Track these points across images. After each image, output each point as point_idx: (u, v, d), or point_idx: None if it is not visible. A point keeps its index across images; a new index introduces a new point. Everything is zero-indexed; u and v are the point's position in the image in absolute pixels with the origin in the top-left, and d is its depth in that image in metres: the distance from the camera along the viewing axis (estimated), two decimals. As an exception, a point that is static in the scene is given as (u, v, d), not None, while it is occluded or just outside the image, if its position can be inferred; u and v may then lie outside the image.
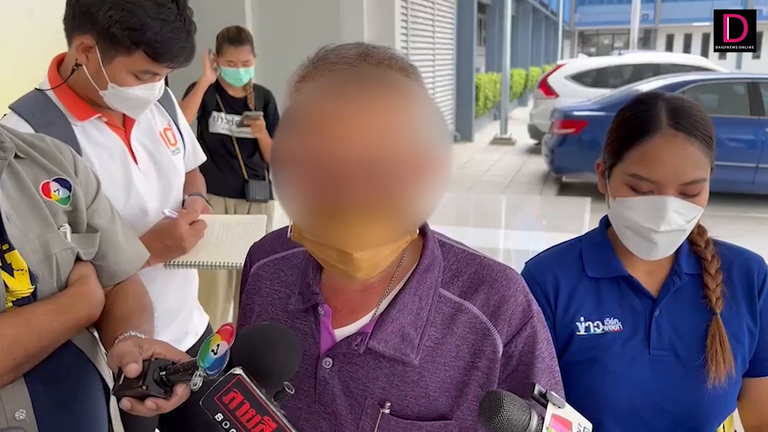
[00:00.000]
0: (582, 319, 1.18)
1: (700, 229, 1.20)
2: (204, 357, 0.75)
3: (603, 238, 1.22)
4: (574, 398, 1.02)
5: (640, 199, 1.10)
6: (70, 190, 1.12)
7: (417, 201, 0.70)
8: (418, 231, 0.84)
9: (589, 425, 0.76)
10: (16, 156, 1.07)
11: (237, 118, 3.26)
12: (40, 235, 1.05)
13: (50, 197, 1.09)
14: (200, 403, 0.74)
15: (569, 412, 0.74)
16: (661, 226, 1.08)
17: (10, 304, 1.00)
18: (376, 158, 0.65)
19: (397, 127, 0.66)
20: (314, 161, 0.67)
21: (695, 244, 1.19)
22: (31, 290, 1.03)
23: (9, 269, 1.00)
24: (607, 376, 1.14)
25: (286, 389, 0.73)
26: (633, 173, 1.10)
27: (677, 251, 1.18)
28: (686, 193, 1.08)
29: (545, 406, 0.72)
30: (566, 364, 1.15)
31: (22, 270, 1.02)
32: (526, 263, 1.27)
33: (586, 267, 1.21)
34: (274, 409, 0.72)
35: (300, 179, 0.68)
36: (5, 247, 1.00)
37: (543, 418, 0.71)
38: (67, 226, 1.11)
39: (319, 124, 0.67)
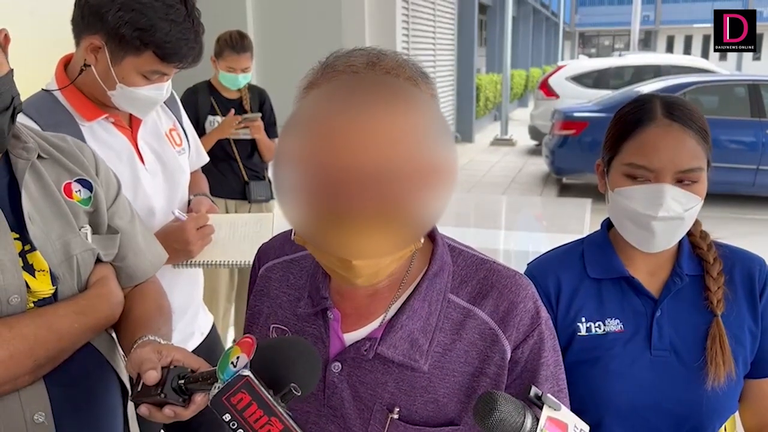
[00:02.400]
0: (583, 319, 1.18)
1: (702, 233, 1.21)
2: (224, 369, 0.74)
3: (604, 239, 1.23)
4: (575, 398, 1.02)
5: (638, 188, 1.11)
6: (91, 191, 1.12)
7: (420, 211, 0.69)
8: (423, 238, 0.84)
9: (586, 427, 0.77)
10: (38, 156, 1.07)
11: None
12: (62, 235, 1.05)
13: (72, 198, 1.10)
14: (209, 403, 0.74)
15: (565, 415, 0.75)
16: (659, 212, 1.09)
17: (32, 305, 1.00)
18: (378, 167, 0.65)
19: (401, 137, 0.66)
20: (317, 169, 0.66)
21: (698, 247, 1.20)
22: (52, 291, 1.03)
23: (31, 270, 1.00)
24: (608, 377, 1.15)
25: (293, 391, 0.72)
26: (630, 162, 1.12)
27: (678, 252, 1.19)
28: (683, 181, 1.10)
29: (541, 408, 0.73)
30: (568, 364, 1.16)
31: (44, 271, 1.02)
32: (528, 264, 1.27)
33: (588, 268, 1.21)
34: (281, 410, 0.72)
35: (303, 185, 0.68)
36: (27, 247, 1.01)
37: (538, 420, 0.72)
38: (88, 227, 1.11)
39: (323, 132, 0.66)
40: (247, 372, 0.72)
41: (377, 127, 0.65)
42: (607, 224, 1.25)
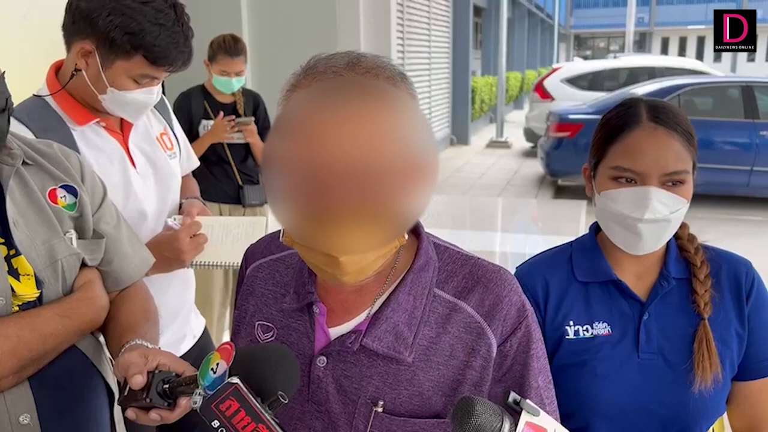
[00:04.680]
0: (571, 323, 1.19)
1: (689, 236, 1.21)
2: (204, 375, 0.76)
3: (593, 242, 1.24)
4: (563, 402, 1.02)
5: (624, 191, 1.12)
6: (76, 197, 1.13)
7: (403, 207, 0.71)
8: (407, 235, 0.85)
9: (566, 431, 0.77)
10: (23, 162, 1.08)
11: None
12: (46, 240, 1.06)
13: (57, 203, 1.11)
14: (198, 410, 0.75)
15: (545, 420, 0.75)
16: (645, 214, 1.09)
17: (17, 308, 1.01)
18: (360, 165, 0.67)
19: (381, 135, 0.68)
20: (302, 168, 0.68)
21: (685, 250, 1.20)
22: (37, 295, 1.04)
23: (15, 274, 1.01)
24: (596, 380, 1.15)
25: (281, 399, 0.74)
26: (616, 166, 1.13)
27: (666, 255, 1.19)
28: (669, 183, 1.10)
29: (520, 414, 0.73)
30: (556, 367, 1.16)
31: (28, 275, 1.03)
32: (516, 268, 1.28)
33: (576, 271, 1.22)
34: (268, 417, 0.73)
35: (289, 185, 0.70)
36: (12, 252, 1.02)
37: (516, 425, 0.72)
38: (73, 232, 1.12)
39: (306, 132, 0.68)
40: (236, 380, 0.73)
41: (357, 125, 0.67)
42: (595, 227, 1.25)
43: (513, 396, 0.75)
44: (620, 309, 1.18)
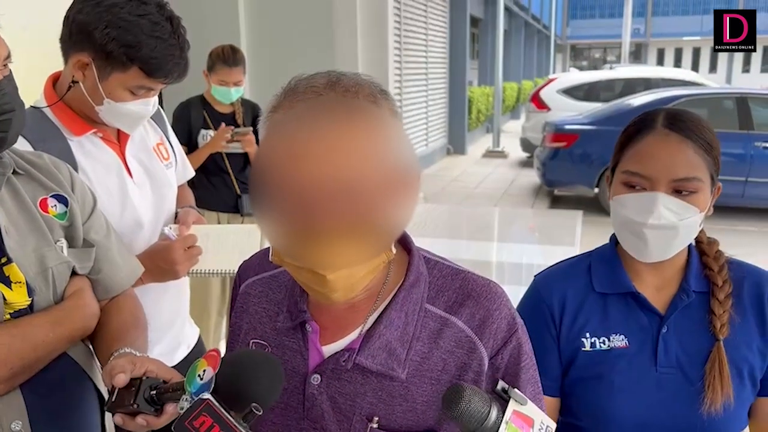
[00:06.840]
0: (588, 334, 1.17)
1: (716, 253, 1.19)
2: (191, 382, 0.77)
3: (612, 253, 1.22)
4: (580, 415, 1.00)
5: (632, 196, 1.11)
6: (67, 206, 1.15)
7: (386, 221, 0.73)
8: (397, 250, 0.86)
9: (553, 424, 0.79)
10: (14, 172, 1.10)
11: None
12: (37, 248, 1.07)
13: (47, 213, 1.12)
14: (172, 428, 0.76)
15: (532, 410, 0.77)
16: (649, 219, 1.08)
17: (8, 316, 1.02)
18: (342, 183, 0.68)
19: (361, 153, 0.70)
20: (285, 188, 0.70)
21: (708, 268, 1.17)
22: (29, 302, 1.05)
23: (7, 282, 1.02)
24: (613, 393, 1.14)
25: (254, 410, 0.75)
26: (627, 170, 1.12)
27: (687, 268, 1.17)
28: (679, 190, 1.09)
29: (508, 402, 0.76)
30: (572, 380, 1.15)
31: (20, 282, 1.04)
32: (535, 276, 1.27)
33: (594, 282, 1.20)
34: (242, 430, 0.74)
35: (275, 205, 0.72)
36: (3, 260, 1.03)
37: (504, 413, 0.74)
38: (64, 240, 1.13)
39: (289, 152, 0.70)
40: (207, 395, 0.75)
41: (337, 144, 0.69)
42: (616, 239, 1.23)
43: (501, 384, 0.77)
44: (638, 321, 1.16)
